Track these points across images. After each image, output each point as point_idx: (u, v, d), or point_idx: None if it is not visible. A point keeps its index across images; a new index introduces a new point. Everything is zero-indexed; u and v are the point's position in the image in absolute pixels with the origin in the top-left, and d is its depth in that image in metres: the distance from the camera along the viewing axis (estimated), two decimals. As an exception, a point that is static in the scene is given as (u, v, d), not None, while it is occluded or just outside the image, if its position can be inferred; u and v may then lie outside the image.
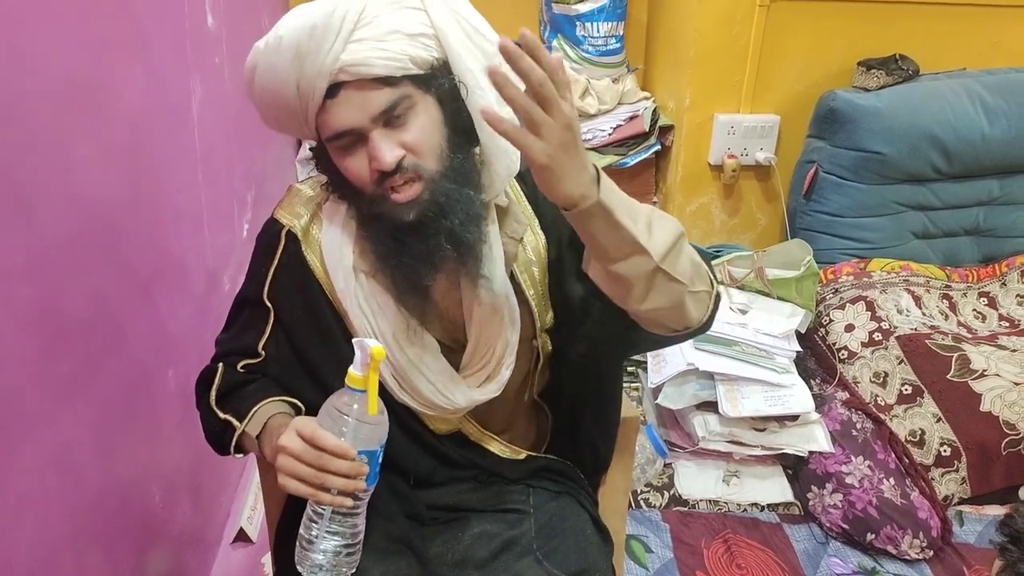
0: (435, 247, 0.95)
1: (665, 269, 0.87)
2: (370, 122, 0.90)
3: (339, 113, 0.90)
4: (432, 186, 0.93)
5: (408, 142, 0.91)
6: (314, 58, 0.88)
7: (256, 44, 0.93)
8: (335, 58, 0.87)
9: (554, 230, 1.07)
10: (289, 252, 1.05)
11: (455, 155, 0.94)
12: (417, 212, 0.93)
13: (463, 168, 0.95)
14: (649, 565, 1.82)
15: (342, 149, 0.93)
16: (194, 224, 1.63)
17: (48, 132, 1.03)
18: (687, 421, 2.08)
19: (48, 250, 1.03)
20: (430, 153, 0.92)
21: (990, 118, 2.33)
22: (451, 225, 0.94)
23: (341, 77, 0.88)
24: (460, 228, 0.94)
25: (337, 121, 0.91)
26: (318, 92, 0.89)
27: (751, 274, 2.24)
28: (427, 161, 0.92)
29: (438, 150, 0.93)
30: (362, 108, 0.89)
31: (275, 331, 1.06)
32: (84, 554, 1.15)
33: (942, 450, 1.98)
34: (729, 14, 2.35)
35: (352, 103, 0.89)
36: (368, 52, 0.88)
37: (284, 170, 2.59)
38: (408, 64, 0.90)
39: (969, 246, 2.51)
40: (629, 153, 2.55)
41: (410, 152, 0.91)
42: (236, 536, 1.84)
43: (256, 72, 0.94)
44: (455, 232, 0.94)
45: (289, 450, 0.88)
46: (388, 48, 0.89)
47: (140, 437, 1.36)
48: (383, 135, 0.90)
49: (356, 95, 0.89)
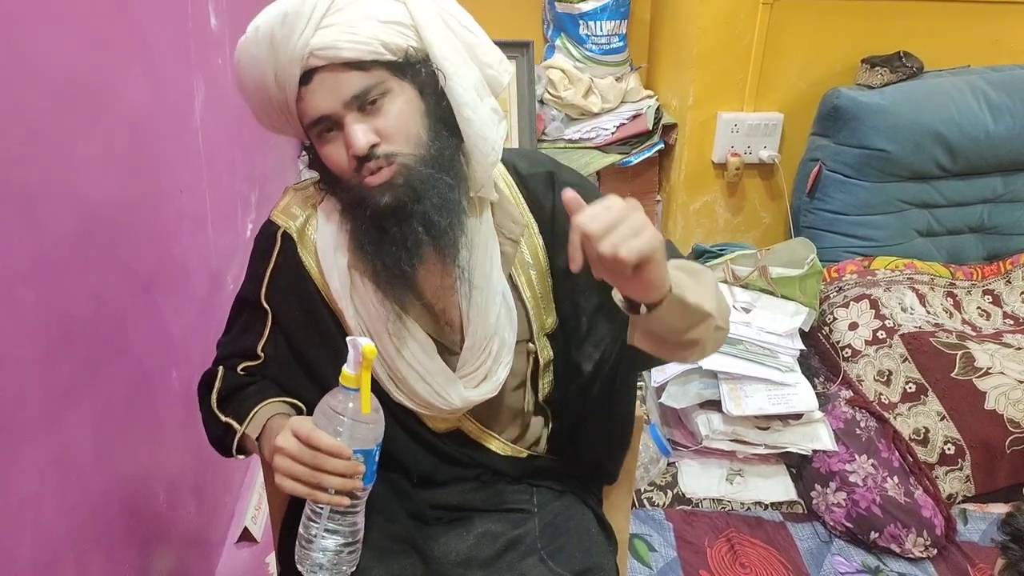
0: (409, 231, 0.95)
1: (721, 325, 0.92)
2: (343, 107, 0.91)
3: (313, 99, 0.92)
4: (407, 171, 0.93)
5: (382, 128, 0.92)
6: (286, 44, 0.89)
7: (240, 38, 0.95)
8: (305, 43, 0.89)
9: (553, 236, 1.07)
10: (285, 253, 1.05)
11: (434, 143, 0.95)
12: (391, 196, 0.93)
13: (441, 156, 0.95)
14: (653, 564, 1.82)
15: (321, 138, 0.95)
16: (197, 225, 1.63)
17: (49, 133, 1.03)
18: (691, 420, 2.08)
19: (50, 251, 1.03)
20: (405, 140, 0.93)
21: (994, 115, 2.33)
22: (424, 209, 0.94)
23: (312, 62, 0.90)
24: (434, 212, 0.94)
25: (312, 107, 0.92)
26: (292, 79, 0.91)
27: (755, 272, 2.23)
28: (401, 147, 0.93)
29: (415, 138, 0.94)
30: (334, 93, 0.91)
31: (273, 333, 1.07)
32: (87, 555, 1.15)
33: (946, 448, 1.97)
34: (732, 12, 2.35)
35: (325, 88, 0.91)
36: (337, 36, 0.89)
37: (287, 170, 2.59)
38: (380, 49, 0.91)
39: (973, 244, 2.50)
40: (633, 151, 2.55)
41: (384, 138, 0.92)
42: (240, 536, 1.84)
43: (240, 67, 0.96)
44: (428, 216, 0.94)
45: (285, 450, 0.88)
46: (358, 32, 0.90)
47: (143, 438, 1.36)
48: (357, 120, 0.91)
49: (329, 79, 0.91)
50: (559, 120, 2.62)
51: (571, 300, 1.08)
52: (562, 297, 1.09)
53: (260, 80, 0.93)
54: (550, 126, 2.62)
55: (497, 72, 0.99)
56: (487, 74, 0.98)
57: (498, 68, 0.99)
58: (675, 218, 2.62)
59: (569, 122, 2.64)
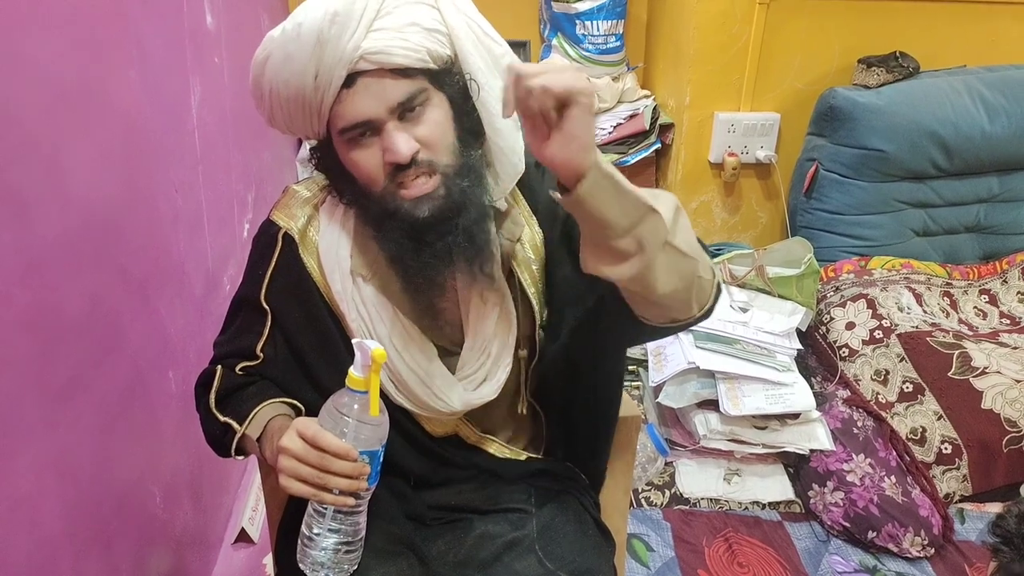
0: (453, 244, 0.94)
1: (672, 242, 0.82)
2: (387, 113, 0.89)
3: (356, 103, 0.89)
4: (447, 182, 0.92)
5: (423, 136, 0.91)
6: (335, 45, 0.87)
7: (270, 33, 0.92)
8: (356, 45, 0.87)
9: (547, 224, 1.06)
10: (286, 254, 1.04)
11: (466, 152, 0.94)
12: (432, 208, 0.92)
13: (475, 167, 0.95)
14: (650, 564, 1.82)
15: (353, 142, 0.92)
16: (193, 225, 1.63)
17: (44, 133, 1.03)
18: (688, 419, 2.08)
19: (45, 252, 1.03)
20: (444, 149, 0.92)
21: (990, 115, 2.33)
22: (467, 222, 0.94)
23: (361, 66, 0.88)
24: (475, 227, 0.94)
25: (353, 111, 0.90)
26: (336, 81, 0.88)
27: (752, 272, 2.23)
28: (441, 156, 0.92)
29: (451, 146, 0.93)
30: (379, 98, 0.89)
31: (273, 333, 1.06)
32: (83, 556, 1.14)
33: (943, 448, 1.98)
34: (729, 12, 2.35)
35: (370, 93, 0.89)
36: (389, 41, 0.88)
37: (284, 170, 2.59)
38: (426, 57, 0.90)
39: (970, 243, 2.51)
40: (630, 151, 2.55)
41: (424, 146, 0.91)
42: (237, 537, 1.84)
43: (268, 63, 0.92)
44: (470, 230, 0.94)
45: (291, 451, 0.88)
46: (408, 39, 0.89)
47: (140, 438, 1.36)
48: (398, 127, 0.90)
49: (374, 84, 0.89)
50: (556, 120, 2.62)
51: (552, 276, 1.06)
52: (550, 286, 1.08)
53: (294, 79, 0.90)
54: (547, 126, 2.61)
55: None
56: None
57: None
58: (672, 218, 2.62)
59: (566, 122, 2.63)
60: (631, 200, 0.78)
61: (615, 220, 0.78)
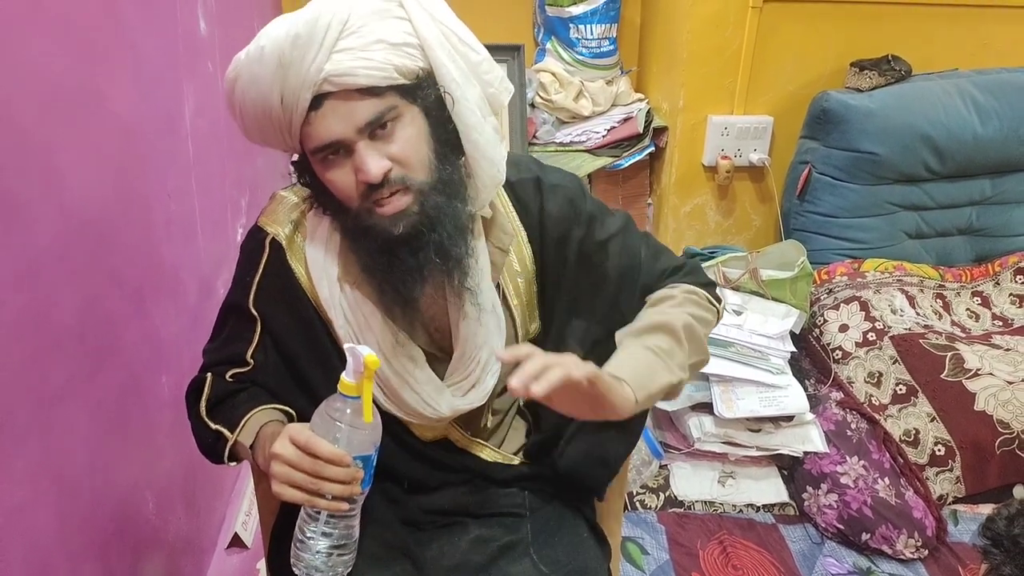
0: (424, 260, 0.94)
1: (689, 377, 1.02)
2: (355, 133, 0.88)
3: (324, 125, 0.89)
4: (422, 199, 0.92)
5: (395, 154, 0.90)
6: (297, 68, 0.86)
7: (237, 55, 0.92)
8: (319, 68, 0.86)
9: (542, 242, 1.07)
10: (274, 261, 1.04)
11: (443, 166, 0.93)
12: (406, 225, 0.92)
13: (451, 180, 0.94)
14: (645, 567, 1.82)
15: (326, 162, 0.92)
16: (187, 230, 1.63)
17: (37, 140, 1.03)
18: (682, 422, 2.08)
19: (38, 258, 1.03)
20: (418, 165, 0.91)
21: (982, 118, 2.34)
22: (440, 238, 0.93)
23: (325, 88, 0.87)
24: (448, 242, 0.94)
25: (322, 133, 0.89)
26: (302, 103, 0.88)
27: (745, 275, 2.24)
28: (415, 173, 0.91)
29: (426, 161, 0.92)
30: (347, 119, 0.88)
31: (263, 339, 1.06)
32: (77, 562, 1.14)
33: (936, 450, 1.98)
34: (722, 16, 2.35)
35: (337, 114, 0.88)
36: (352, 62, 0.87)
37: (278, 175, 2.58)
38: (393, 74, 0.89)
39: (962, 246, 2.52)
40: (623, 155, 2.56)
41: (397, 164, 0.90)
42: (231, 542, 1.83)
43: (237, 84, 0.92)
44: (443, 245, 0.94)
45: (283, 457, 0.88)
46: (372, 58, 0.87)
47: (133, 444, 1.36)
48: (369, 146, 0.89)
49: (341, 106, 0.88)
50: (550, 124, 2.62)
51: (551, 307, 1.08)
52: (546, 304, 1.09)
53: (262, 100, 0.90)
54: (541, 130, 2.62)
55: (498, 91, 0.98)
56: (488, 92, 0.96)
57: (499, 87, 0.98)
58: (666, 221, 2.63)
59: (560, 125, 2.64)
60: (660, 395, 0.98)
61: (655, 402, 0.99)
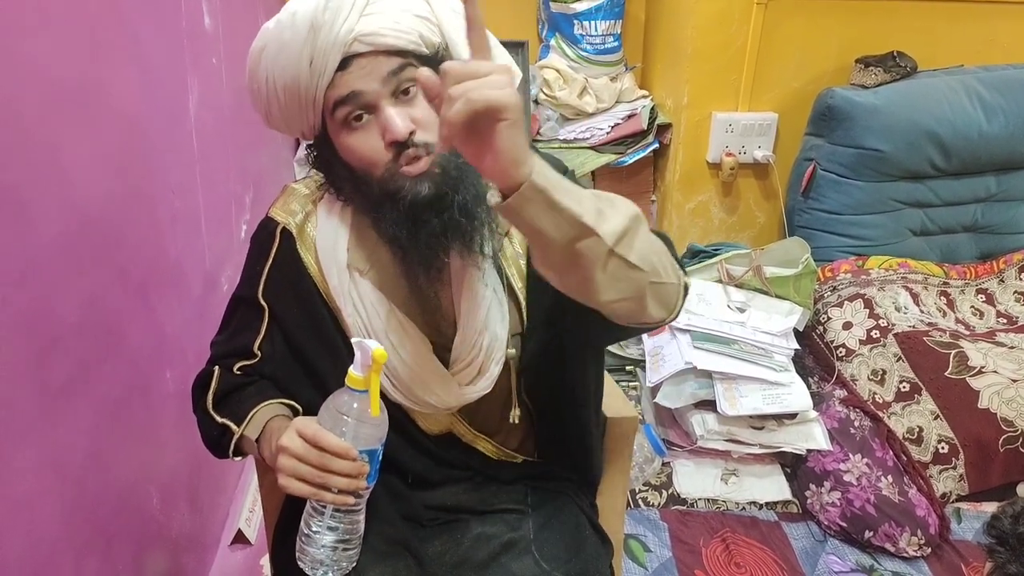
0: (449, 221, 0.94)
1: (620, 254, 0.79)
2: (380, 84, 0.90)
3: (348, 80, 0.91)
4: (442, 159, 0.92)
5: (418, 117, 0.91)
6: (329, 30, 0.89)
7: (265, 25, 0.94)
8: (349, 29, 0.89)
9: None
10: (284, 250, 1.05)
11: None
12: (432, 184, 0.92)
13: None
14: (648, 564, 1.82)
15: (349, 127, 0.93)
16: (191, 225, 1.63)
17: (41, 134, 1.03)
18: (685, 420, 2.08)
19: (42, 253, 1.03)
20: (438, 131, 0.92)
21: (988, 115, 2.33)
22: (464, 199, 0.94)
23: (355, 48, 0.90)
24: (473, 202, 0.94)
25: (349, 84, 0.91)
26: (331, 64, 0.90)
27: (749, 272, 2.24)
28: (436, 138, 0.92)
29: None
30: (373, 72, 0.90)
31: (270, 330, 1.06)
32: (81, 557, 1.15)
33: (940, 447, 1.98)
34: (727, 12, 2.35)
35: (364, 70, 0.91)
36: (382, 23, 0.90)
37: (282, 170, 2.59)
38: (418, 40, 0.92)
39: (967, 243, 2.51)
40: (627, 151, 2.55)
41: (420, 127, 0.91)
42: (234, 538, 1.84)
43: (264, 53, 0.94)
44: (467, 206, 0.94)
45: (290, 450, 0.88)
46: (400, 21, 0.91)
47: (137, 439, 1.36)
48: (395, 105, 0.91)
49: (368, 62, 0.90)
50: (554, 120, 2.62)
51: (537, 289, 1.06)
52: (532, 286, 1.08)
53: (292, 67, 0.91)
54: (545, 126, 2.62)
55: None
56: None
57: None
58: (670, 218, 2.62)
59: (564, 122, 2.64)
60: (566, 217, 0.76)
61: (548, 233, 0.76)
